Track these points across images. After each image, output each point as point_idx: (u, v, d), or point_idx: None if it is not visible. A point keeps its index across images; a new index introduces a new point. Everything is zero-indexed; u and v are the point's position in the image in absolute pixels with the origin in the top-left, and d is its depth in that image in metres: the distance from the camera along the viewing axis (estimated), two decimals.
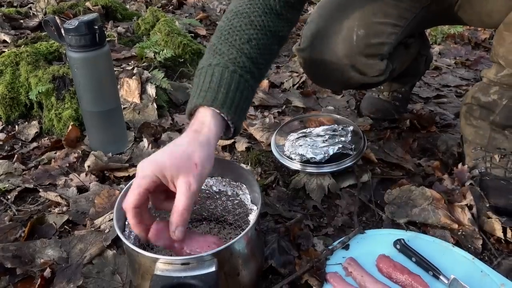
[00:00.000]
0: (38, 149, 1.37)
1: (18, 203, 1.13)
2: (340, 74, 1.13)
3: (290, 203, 1.09)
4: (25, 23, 2.16)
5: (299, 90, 1.75)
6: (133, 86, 1.51)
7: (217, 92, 0.77)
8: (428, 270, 0.84)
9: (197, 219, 1.00)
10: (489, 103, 1.08)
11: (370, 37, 1.08)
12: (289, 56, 2.17)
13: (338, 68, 1.11)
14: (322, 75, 1.19)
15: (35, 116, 1.50)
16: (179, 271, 0.67)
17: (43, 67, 1.49)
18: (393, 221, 1.02)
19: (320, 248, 0.93)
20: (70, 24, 1.12)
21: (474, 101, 1.12)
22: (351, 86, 1.31)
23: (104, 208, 1.06)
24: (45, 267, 0.90)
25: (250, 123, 1.44)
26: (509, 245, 0.96)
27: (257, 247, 0.83)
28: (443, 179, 1.12)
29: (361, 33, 1.08)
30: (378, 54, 1.11)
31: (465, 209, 1.00)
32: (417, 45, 1.36)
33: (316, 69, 1.18)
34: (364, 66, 1.10)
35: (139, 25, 2.08)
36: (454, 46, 2.22)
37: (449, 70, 1.95)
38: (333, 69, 1.12)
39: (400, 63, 1.26)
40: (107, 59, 1.22)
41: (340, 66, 1.11)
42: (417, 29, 1.25)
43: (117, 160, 1.26)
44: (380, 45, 1.10)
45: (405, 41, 1.24)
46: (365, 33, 1.08)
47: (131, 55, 1.75)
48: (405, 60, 1.33)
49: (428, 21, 1.21)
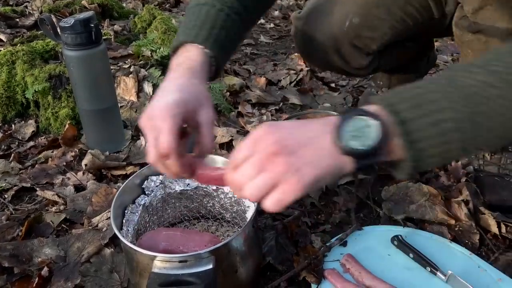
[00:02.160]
0: (35, 148, 1.37)
1: (15, 202, 1.12)
2: (324, 54, 1.12)
3: None
4: (21, 22, 2.15)
5: (296, 88, 1.75)
6: (130, 84, 1.51)
7: (201, 28, 0.76)
8: (425, 266, 0.84)
9: (195, 217, 1.00)
10: None
11: (362, 29, 1.06)
12: (286, 54, 2.17)
13: (323, 48, 1.10)
14: (308, 49, 1.18)
15: (31, 115, 1.50)
16: (177, 268, 0.67)
17: (39, 66, 1.48)
18: (391, 218, 1.02)
19: (318, 245, 0.93)
20: (66, 23, 1.12)
21: None
22: (333, 69, 1.30)
23: (101, 207, 1.06)
24: (42, 266, 0.90)
25: (248, 121, 1.44)
26: (506, 240, 0.96)
27: (255, 244, 0.83)
28: (440, 176, 1.12)
29: (355, 21, 1.06)
30: (365, 48, 1.09)
31: (462, 204, 1.00)
32: (416, 48, 1.34)
33: (304, 41, 1.17)
34: (348, 55, 1.09)
35: (136, 23, 2.08)
36: (451, 42, 2.23)
37: (446, 67, 1.95)
38: (318, 47, 1.11)
39: (390, 62, 1.25)
40: (104, 58, 1.22)
41: (326, 47, 1.10)
42: (420, 36, 1.22)
43: (114, 158, 1.25)
44: (369, 40, 1.08)
45: (402, 43, 1.22)
46: (359, 23, 1.06)
47: (128, 54, 1.75)
48: (398, 59, 1.32)
49: (434, 33, 1.18)
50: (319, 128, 0.55)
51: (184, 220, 1.00)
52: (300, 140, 0.54)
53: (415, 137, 0.51)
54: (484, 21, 0.85)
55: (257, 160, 0.54)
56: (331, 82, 1.82)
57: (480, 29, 0.86)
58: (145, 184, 0.91)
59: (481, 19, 0.85)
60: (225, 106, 1.54)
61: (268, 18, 2.85)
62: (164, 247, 0.77)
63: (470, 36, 0.89)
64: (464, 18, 0.89)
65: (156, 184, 0.92)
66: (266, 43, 2.40)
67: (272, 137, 0.54)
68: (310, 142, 0.54)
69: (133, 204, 0.89)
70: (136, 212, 0.88)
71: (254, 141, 0.56)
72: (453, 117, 0.52)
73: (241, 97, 1.64)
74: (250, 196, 0.55)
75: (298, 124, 0.57)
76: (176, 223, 0.99)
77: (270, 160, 0.53)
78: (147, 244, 0.77)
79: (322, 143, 0.54)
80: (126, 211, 0.86)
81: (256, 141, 0.55)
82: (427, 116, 0.52)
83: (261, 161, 0.54)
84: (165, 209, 0.96)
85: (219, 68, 0.79)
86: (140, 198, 0.90)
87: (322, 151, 0.53)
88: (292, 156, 0.53)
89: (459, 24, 0.91)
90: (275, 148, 0.53)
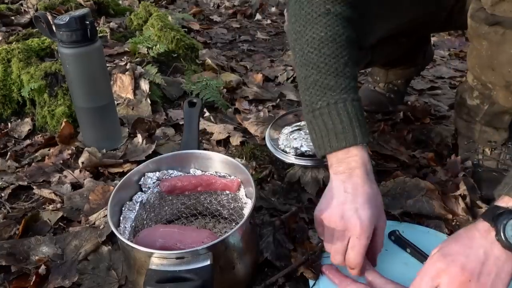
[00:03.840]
0: (31, 146, 1.36)
1: (12, 201, 1.12)
2: None
3: (285, 196, 1.09)
4: (16, 20, 2.13)
5: (293, 84, 1.74)
6: (126, 81, 1.50)
7: (363, 125, 0.79)
8: (423, 260, 0.84)
9: (192, 214, 1.00)
10: (474, 106, 1.08)
11: None
12: (283, 50, 2.17)
13: None
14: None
15: (27, 113, 1.49)
16: (174, 265, 0.67)
17: (35, 63, 1.47)
18: (388, 213, 1.02)
19: (315, 240, 0.93)
20: (61, 20, 1.11)
21: (462, 100, 1.12)
22: None
23: (98, 205, 1.06)
24: (40, 264, 0.89)
25: (245, 117, 1.44)
26: None
27: (252, 240, 0.83)
28: (437, 171, 1.12)
29: None
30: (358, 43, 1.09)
31: (459, 199, 1.01)
32: (410, 44, 1.33)
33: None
34: None
35: (132, 20, 2.07)
36: (448, 37, 2.23)
37: (443, 62, 1.95)
38: None
39: (384, 57, 1.25)
40: (99, 55, 1.21)
41: None
42: (415, 32, 1.22)
43: (111, 156, 1.25)
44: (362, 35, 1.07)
45: (396, 39, 1.22)
46: None
47: (124, 51, 1.74)
48: (392, 55, 1.31)
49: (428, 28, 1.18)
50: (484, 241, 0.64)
51: (181, 217, 1.00)
52: (478, 260, 0.63)
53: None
54: (503, 13, 0.86)
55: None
56: None
57: (498, 21, 0.87)
58: (142, 181, 0.91)
59: (500, 11, 0.86)
60: (222, 102, 1.53)
61: (265, 14, 2.84)
62: (162, 244, 0.77)
63: (486, 28, 0.90)
64: (481, 10, 0.90)
65: (153, 181, 0.92)
66: (263, 39, 2.40)
67: (455, 268, 0.64)
68: (486, 258, 0.63)
69: (130, 201, 0.89)
70: (133, 209, 0.88)
71: (437, 273, 0.66)
72: None
73: (238, 93, 1.64)
74: None
75: (465, 246, 0.66)
76: (174, 220, 0.99)
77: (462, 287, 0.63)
78: (144, 241, 0.77)
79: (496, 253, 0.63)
80: (123, 209, 0.86)
81: (440, 272, 0.65)
82: None
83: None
84: (162, 206, 0.96)
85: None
86: (137, 195, 0.90)
87: (500, 260, 0.63)
88: (481, 277, 0.62)
89: (475, 16, 0.92)
90: (464, 277, 0.63)
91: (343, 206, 0.75)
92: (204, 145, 1.31)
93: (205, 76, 1.68)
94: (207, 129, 1.39)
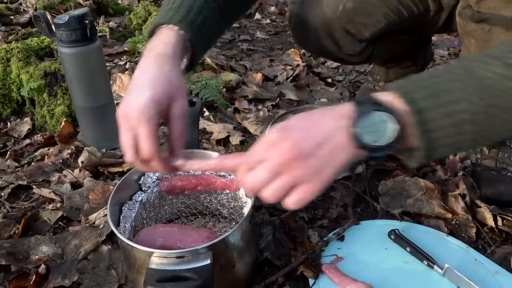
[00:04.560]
0: (31, 145, 1.36)
1: (12, 200, 1.12)
2: (317, 39, 1.12)
3: None
4: (15, 19, 2.14)
5: (292, 83, 1.75)
6: (126, 81, 1.50)
7: (177, 11, 0.74)
8: (422, 259, 0.84)
9: (192, 213, 1.00)
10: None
11: (355, 14, 1.06)
12: (283, 50, 2.17)
13: (316, 32, 1.10)
14: (302, 34, 1.18)
15: (27, 112, 1.49)
16: (174, 264, 0.67)
17: (34, 63, 1.47)
18: (388, 212, 1.02)
19: (315, 239, 0.94)
20: (60, 19, 1.11)
21: None
22: (326, 54, 1.29)
23: (98, 204, 1.06)
24: (40, 264, 0.89)
25: (244, 117, 1.44)
26: (502, 233, 0.96)
27: (252, 239, 0.83)
28: (436, 170, 1.13)
29: (348, 6, 1.05)
30: (358, 34, 1.09)
31: (459, 198, 1.01)
32: (411, 42, 1.33)
33: (298, 25, 1.16)
34: (341, 40, 1.09)
35: (131, 20, 2.07)
36: (447, 37, 2.23)
37: (442, 61, 1.96)
38: (312, 31, 1.11)
39: (384, 53, 1.25)
40: (99, 54, 1.21)
41: (318, 31, 1.09)
42: (415, 30, 1.22)
43: (110, 155, 1.25)
44: (362, 26, 1.07)
45: (397, 36, 1.22)
46: (353, 8, 1.05)
47: (124, 50, 1.74)
48: (393, 51, 1.31)
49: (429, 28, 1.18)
50: (334, 124, 0.55)
51: (181, 217, 1.00)
52: (316, 140, 0.54)
53: (430, 127, 0.52)
54: (488, 10, 0.86)
55: (273, 165, 0.54)
56: (327, 77, 1.82)
57: (483, 18, 0.87)
58: (142, 180, 0.91)
59: (485, 8, 0.86)
60: (222, 102, 1.53)
61: (265, 14, 2.84)
62: (161, 243, 0.77)
63: (473, 25, 0.90)
64: (468, 8, 0.91)
65: (153, 180, 0.92)
66: (262, 38, 2.40)
67: (286, 143, 0.54)
68: (325, 141, 0.54)
69: (130, 200, 0.89)
70: (133, 209, 0.88)
71: (268, 146, 0.56)
72: (468, 108, 0.52)
73: (238, 93, 1.64)
74: (267, 198, 0.56)
75: (311, 122, 0.57)
76: (173, 219, 0.99)
77: (287, 164, 0.54)
78: (144, 240, 0.77)
79: (338, 140, 0.54)
80: (123, 208, 0.86)
81: (270, 146, 0.56)
82: (443, 106, 0.52)
83: (278, 166, 0.54)
84: (162, 206, 0.96)
85: (195, 54, 0.76)
86: (137, 195, 0.90)
87: (339, 148, 0.54)
88: (310, 159, 0.53)
89: (463, 14, 0.92)
90: (291, 154, 0.53)
91: (126, 95, 0.67)
92: (203, 144, 1.31)
93: (205, 75, 1.68)
94: (206, 128, 1.39)
